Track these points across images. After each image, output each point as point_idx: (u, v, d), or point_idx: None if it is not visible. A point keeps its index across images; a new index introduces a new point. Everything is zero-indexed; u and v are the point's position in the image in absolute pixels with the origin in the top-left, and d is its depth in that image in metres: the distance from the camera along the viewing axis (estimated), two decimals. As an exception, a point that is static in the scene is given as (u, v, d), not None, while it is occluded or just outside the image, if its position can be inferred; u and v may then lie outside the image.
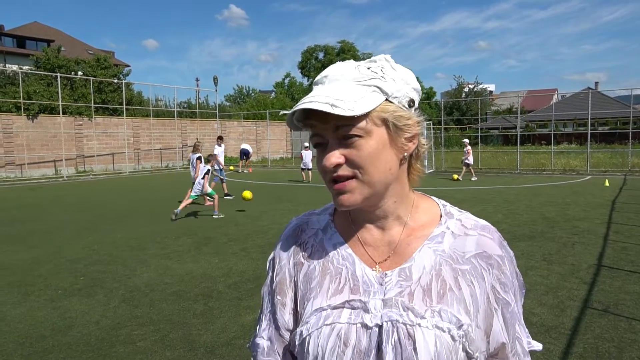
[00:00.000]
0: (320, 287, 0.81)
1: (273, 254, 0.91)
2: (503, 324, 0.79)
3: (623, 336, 3.60)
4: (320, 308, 0.79)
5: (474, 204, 10.70)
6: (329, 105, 0.70)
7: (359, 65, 0.77)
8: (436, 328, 0.73)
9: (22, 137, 20.85)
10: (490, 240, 0.81)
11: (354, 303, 0.78)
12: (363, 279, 0.80)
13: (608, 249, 6.30)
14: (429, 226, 0.83)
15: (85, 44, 43.89)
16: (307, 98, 0.73)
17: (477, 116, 34.54)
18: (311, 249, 0.86)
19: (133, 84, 30.03)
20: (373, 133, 0.74)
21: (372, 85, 0.74)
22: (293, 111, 0.74)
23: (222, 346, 3.62)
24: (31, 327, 4.05)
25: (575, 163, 22.01)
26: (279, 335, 0.86)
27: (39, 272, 5.78)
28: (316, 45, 53.69)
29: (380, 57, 0.79)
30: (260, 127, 33.31)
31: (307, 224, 0.90)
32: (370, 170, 0.75)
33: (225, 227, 8.46)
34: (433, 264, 0.79)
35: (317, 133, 0.77)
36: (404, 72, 0.78)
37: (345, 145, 0.74)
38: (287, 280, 0.86)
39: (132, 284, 5.23)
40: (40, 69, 25.46)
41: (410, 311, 0.75)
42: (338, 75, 0.76)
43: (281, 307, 0.86)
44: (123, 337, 3.81)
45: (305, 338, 0.78)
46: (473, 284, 0.78)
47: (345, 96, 0.72)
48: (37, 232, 8.32)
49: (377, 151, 0.74)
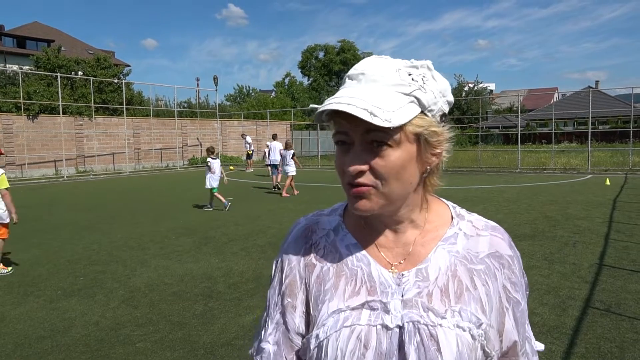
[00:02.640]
0: (336, 289, 0.79)
1: (281, 255, 0.88)
2: (514, 322, 0.80)
3: (625, 336, 3.58)
4: (338, 310, 0.77)
5: (475, 203, 10.67)
6: (367, 112, 0.67)
7: (399, 69, 0.73)
8: (457, 328, 0.73)
9: (23, 137, 20.86)
10: (502, 240, 0.82)
11: (373, 304, 0.76)
12: (380, 280, 0.78)
13: (609, 248, 6.28)
14: (441, 228, 0.83)
15: (85, 44, 43.92)
16: (343, 98, 0.70)
17: (478, 115, 34.51)
18: (323, 250, 0.84)
19: (133, 84, 30.04)
20: (402, 145, 0.72)
21: (412, 96, 0.72)
22: (326, 109, 0.70)
23: (222, 347, 3.60)
24: (30, 328, 4.03)
25: (576, 162, 21.95)
26: (287, 339, 0.83)
27: (39, 272, 5.77)
28: (316, 44, 53.83)
29: (423, 63, 0.75)
30: (260, 126, 33.31)
31: (317, 225, 0.88)
32: (392, 182, 0.73)
33: (226, 227, 8.45)
34: (449, 265, 0.79)
35: (343, 131, 0.73)
36: (442, 83, 0.76)
37: (372, 152, 0.72)
38: (297, 282, 0.84)
39: (132, 284, 5.22)
40: (40, 69, 25.46)
41: (430, 311, 0.74)
42: (377, 75, 0.73)
43: (291, 310, 0.83)
44: (122, 337, 3.80)
45: (323, 341, 0.76)
46: (488, 283, 0.78)
47: (383, 104, 0.69)
48: (36, 232, 8.31)
49: (403, 164, 0.72)
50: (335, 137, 0.75)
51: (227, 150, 31.20)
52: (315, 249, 0.85)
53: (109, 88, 26.67)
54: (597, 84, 62.50)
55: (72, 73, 25.84)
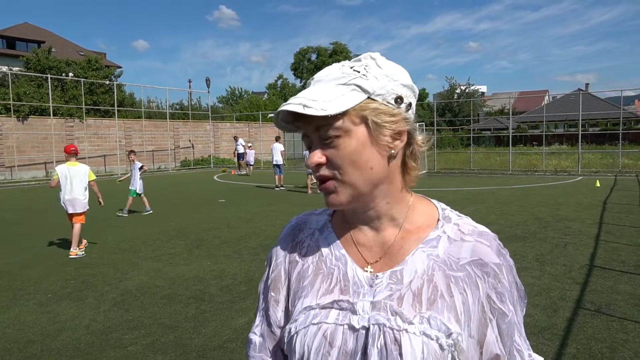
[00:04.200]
0: (312, 286, 0.81)
1: (272, 251, 0.92)
2: (498, 334, 0.77)
3: (615, 336, 3.61)
4: (309, 307, 0.79)
5: (466, 204, 10.73)
6: (301, 106, 0.71)
7: (343, 65, 0.77)
8: (424, 335, 0.71)
9: (12, 139, 20.65)
10: (487, 247, 0.78)
11: (342, 304, 0.77)
12: (354, 280, 0.79)
13: (600, 249, 6.33)
14: (424, 229, 0.81)
15: (76, 45, 43.54)
16: (287, 102, 0.74)
17: (470, 117, 34.70)
18: (307, 248, 0.87)
19: (125, 86, 29.87)
20: (352, 132, 0.73)
21: (352, 84, 0.74)
22: (276, 112, 0.74)
23: (214, 350, 3.58)
24: (19, 332, 3.99)
25: (567, 164, 22.14)
26: (270, 331, 0.87)
27: (28, 275, 5.71)
28: (309, 46, 53.74)
29: (365, 55, 0.78)
30: (253, 128, 33.25)
31: (306, 224, 0.91)
32: (348, 170, 0.74)
33: (218, 229, 8.41)
34: (425, 269, 0.77)
35: (305, 134, 0.77)
36: (390, 69, 0.76)
37: (326, 146, 0.75)
38: (281, 278, 0.87)
39: (123, 287, 5.18)
40: (30, 70, 25.23)
41: (398, 316, 0.73)
42: (323, 76, 0.77)
43: (274, 304, 0.87)
44: (114, 341, 3.77)
45: (293, 336, 0.78)
46: (466, 291, 0.75)
47: (320, 96, 0.72)
48: (26, 235, 8.22)
49: (356, 150, 0.74)
50: (303, 141, 0.79)
51: (219, 152, 31.11)
52: (300, 247, 0.88)
53: (100, 90, 26.48)
54: (587, 86, 63.22)
55: (63, 74, 25.64)
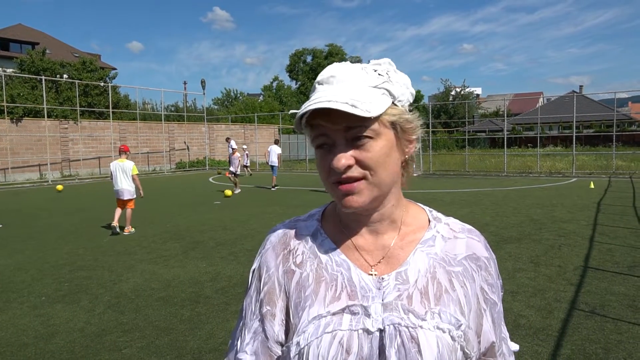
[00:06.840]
0: (316, 295, 0.78)
1: (258, 263, 0.86)
2: (491, 323, 0.82)
3: (609, 337, 3.63)
4: (318, 315, 0.76)
5: (462, 206, 10.76)
6: (349, 105, 0.70)
7: (364, 68, 0.78)
8: (437, 329, 0.74)
9: (6, 141, 20.51)
10: (478, 242, 0.84)
11: (354, 308, 0.76)
12: (360, 284, 0.78)
13: (594, 250, 6.36)
14: (419, 230, 0.84)
15: (70, 47, 43.34)
16: (321, 98, 0.72)
17: (465, 119, 34.81)
18: (302, 255, 0.83)
19: (119, 87, 29.77)
20: (382, 135, 0.75)
21: (383, 88, 0.75)
22: (307, 110, 0.71)
23: (210, 352, 3.57)
24: (13, 335, 3.96)
25: (561, 165, 22.26)
26: (266, 348, 0.81)
27: (22, 278, 5.67)
28: (304, 48, 53.84)
29: (384, 60, 0.80)
30: (248, 130, 33.21)
31: (295, 231, 0.87)
32: (380, 171, 0.75)
33: (214, 231, 8.39)
34: (428, 267, 0.80)
35: (323, 134, 0.75)
36: (404, 77, 0.80)
37: (355, 147, 0.74)
38: (276, 290, 0.82)
39: (118, 289, 5.15)
40: (24, 71, 25.09)
41: (411, 313, 0.75)
42: (346, 76, 0.76)
43: (270, 318, 0.81)
44: (108, 344, 3.74)
45: (304, 348, 0.74)
46: (466, 285, 0.80)
47: (360, 97, 0.72)
48: (20, 237, 8.17)
49: (387, 152, 0.75)
50: (315, 141, 0.76)
51: (215, 154, 31.04)
52: (294, 256, 0.83)
53: (95, 91, 26.39)
54: (581, 88, 63.65)
55: (57, 76, 25.52)
